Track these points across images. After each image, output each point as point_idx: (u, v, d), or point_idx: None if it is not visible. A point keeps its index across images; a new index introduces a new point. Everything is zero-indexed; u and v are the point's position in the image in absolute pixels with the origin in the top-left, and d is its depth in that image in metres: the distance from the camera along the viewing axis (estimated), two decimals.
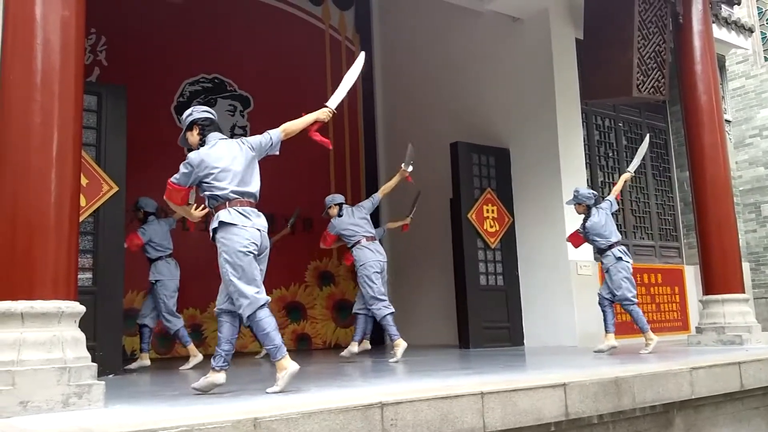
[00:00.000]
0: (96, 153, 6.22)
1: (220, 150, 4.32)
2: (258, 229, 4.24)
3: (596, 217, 7.03)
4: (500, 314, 9.00)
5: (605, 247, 7.00)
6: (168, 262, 7.25)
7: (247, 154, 4.38)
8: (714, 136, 7.56)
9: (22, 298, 3.42)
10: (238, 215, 4.18)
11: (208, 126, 4.46)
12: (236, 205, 4.21)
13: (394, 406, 3.35)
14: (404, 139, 11.67)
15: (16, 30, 3.72)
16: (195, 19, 10.52)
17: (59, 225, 3.60)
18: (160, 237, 7.24)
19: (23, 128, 3.60)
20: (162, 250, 7.24)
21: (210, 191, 4.26)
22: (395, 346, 6.71)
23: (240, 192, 4.25)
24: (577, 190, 7.24)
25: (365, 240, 7.22)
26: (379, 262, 7.17)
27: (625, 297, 6.90)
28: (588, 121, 9.67)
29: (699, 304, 7.76)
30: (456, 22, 10.47)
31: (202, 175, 4.25)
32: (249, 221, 4.20)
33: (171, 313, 7.13)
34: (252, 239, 4.18)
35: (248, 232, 4.17)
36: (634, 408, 4.48)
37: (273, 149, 4.57)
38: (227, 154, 4.31)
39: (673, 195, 10.75)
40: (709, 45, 7.80)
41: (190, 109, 4.56)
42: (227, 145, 4.38)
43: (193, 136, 4.47)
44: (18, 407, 3.21)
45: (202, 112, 4.51)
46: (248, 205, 4.27)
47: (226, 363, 4.21)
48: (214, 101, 10.79)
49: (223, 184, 4.22)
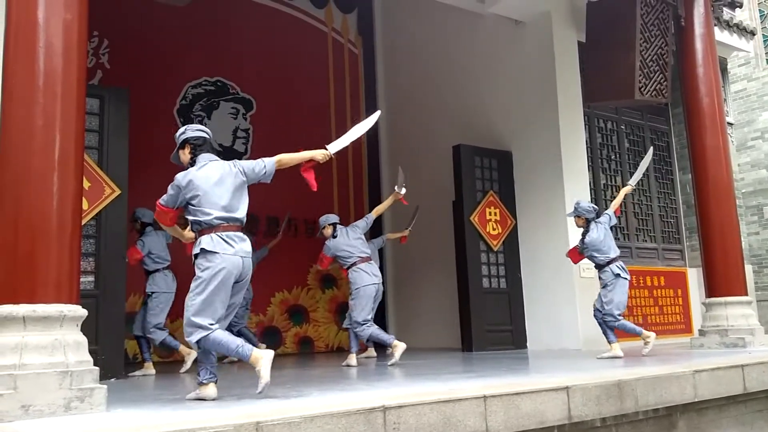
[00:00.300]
0: (98, 156, 6.23)
1: (209, 172, 4.22)
2: (241, 257, 4.14)
3: (595, 233, 6.93)
4: (503, 317, 8.98)
5: (604, 262, 6.91)
6: (165, 274, 7.15)
7: (237, 178, 4.28)
8: (716, 139, 7.55)
9: (24, 302, 3.42)
10: (221, 242, 4.08)
11: (200, 146, 4.37)
12: (221, 230, 4.12)
13: (396, 410, 3.35)
14: (407, 141, 11.75)
15: (19, 33, 3.73)
16: (197, 22, 10.53)
17: (61, 228, 3.60)
18: (159, 248, 7.14)
19: (25, 131, 3.60)
20: (160, 261, 7.14)
21: (194, 216, 4.17)
22: (393, 348, 6.70)
23: (225, 218, 4.15)
24: (578, 203, 7.17)
25: (361, 261, 7.23)
26: (374, 286, 7.17)
27: (612, 314, 6.80)
28: (590, 123, 9.66)
29: (702, 306, 7.74)
30: (458, 25, 10.47)
31: (189, 197, 4.16)
32: (232, 249, 4.10)
33: (157, 327, 7.02)
34: (233, 267, 4.10)
35: (229, 260, 4.08)
36: (637, 411, 4.47)
37: (266, 178, 4.45)
38: (216, 176, 4.20)
39: (675, 197, 10.74)
40: (711, 48, 7.80)
41: (184, 126, 4.47)
42: (218, 167, 4.27)
43: (184, 154, 4.39)
44: (20, 411, 3.21)
45: (196, 131, 4.42)
46: (233, 230, 4.17)
47: (213, 375, 4.08)
48: (216, 104, 10.80)
49: (208, 209, 4.12)
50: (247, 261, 4.21)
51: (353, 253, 7.24)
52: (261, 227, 10.60)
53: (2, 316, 3.39)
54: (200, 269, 4.07)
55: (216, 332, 4.01)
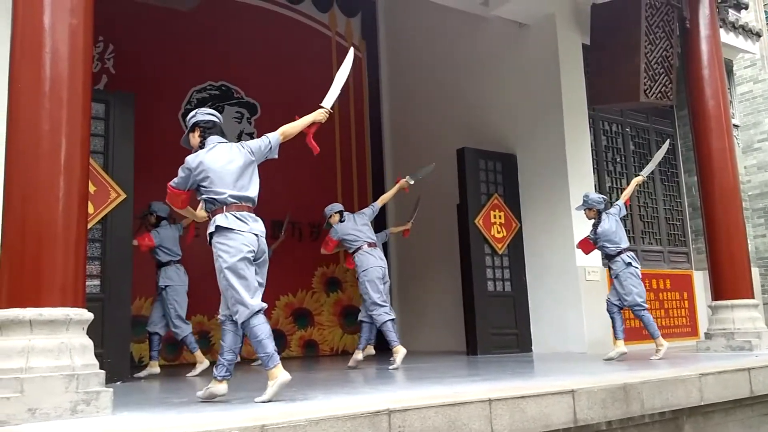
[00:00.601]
0: (104, 160, 6.26)
1: (218, 153, 4.28)
2: (255, 234, 4.18)
3: (606, 223, 7.00)
4: (508, 320, 8.97)
5: (615, 252, 6.97)
6: (178, 268, 7.27)
7: (246, 159, 4.34)
8: (722, 141, 7.53)
9: (30, 306, 3.44)
10: (235, 220, 4.13)
11: (210, 128, 4.43)
12: (233, 209, 4.16)
13: (401, 413, 3.34)
14: (411, 144, 11.75)
15: (25, 38, 3.75)
16: (202, 27, 10.56)
17: (67, 232, 3.61)
18: (171, 242, 7.27)
19: (32, 136, 3.62)
20: (172, 255, 7.26)
21: (207, 195, 4.22)
22: (394, 353, 6.69)
23: (238, 196, 4.20)
24: (587, 195, 7.21)
25: (367, 246, 7.19)
26: (381, 268, 7.13)
27: (636, 302, 6.86)
28: (595, 126, 9.65)
29: (708, 309, 7.72)
30: (462, 28, 10.48)
31: (200, 179, 4.22)
32: (246, 226, 4.15)
33: (181, 319, 7.14)
34: (249, 244, 4.12)
35: (245, 237, 4.11)
36: (643, 414, 4.46)
37: (272, 153, 4.53)
38: (225, 157, 4.27)
39: (681, 200, 10.71)
40: (717, 49, 7.78)
41: (195, 110, 4.55)
42: (226, 148, 4.33)
43: (194, 137, 4.45)
44: (26, 414, 3.22)
45: (206, 114, 4.49)
46: (246, 210, 4.21)
47: (228, 373, 4.14)
48: (221, 108, 10.82)
49: (221, 188, 4.18)
50: (262, 239, 4.24)
51: (360, 238, 7.21)
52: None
53: (9, 320, 3.40)
54: (219, 250, 4.10)
55: (260, 321, 4.03)
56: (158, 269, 7.26)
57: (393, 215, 11.58)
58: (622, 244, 6.98)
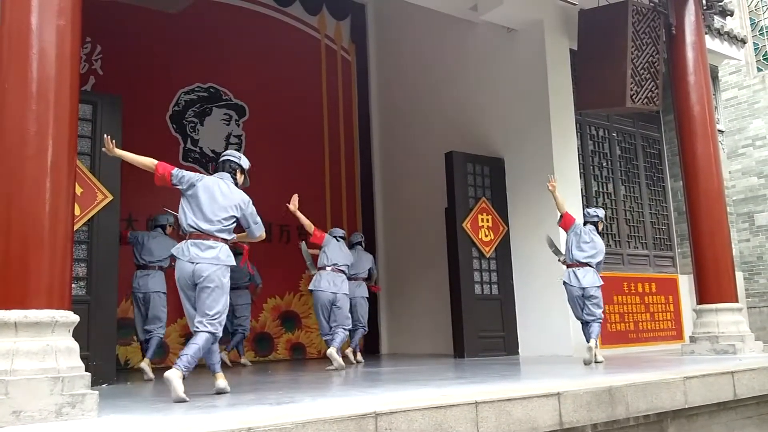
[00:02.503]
0: (90, 162, 6.22)
1: (209, 183, 4.79)
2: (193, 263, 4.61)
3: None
4: (495, 323, 8.99)
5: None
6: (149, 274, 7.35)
7: (232, 202, 4.83)
8: (707, 146, 7.60)
9: (15, 308, 3.42)
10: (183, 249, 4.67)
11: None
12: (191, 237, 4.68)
13: (388, 416, 3.35)
14: (399, 148, 11.78)
15: (12, 39, 3.73)
16: (190, 28, 10.54)
17: (53, 234, 3.60)
18: (162, 250, 7.31)
19: (18, 137, 3.61)
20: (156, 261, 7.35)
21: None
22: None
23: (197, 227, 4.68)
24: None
25: (328, 269, 7.79)
26: (325, 294, 7.70)
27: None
28: (582, 131, 9.71)
29: (693, 313, 7.78)
30: (451, 33, 10.52)
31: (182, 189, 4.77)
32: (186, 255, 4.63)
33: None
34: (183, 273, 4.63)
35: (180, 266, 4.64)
36: (628, 417, 4.49)
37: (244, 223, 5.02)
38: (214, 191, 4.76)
39: (666, 204, 10.79)
40: (702, 56, 7.85)
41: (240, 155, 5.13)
42: (219, 183, 4.84)
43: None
44: (11, 417, 3.20)
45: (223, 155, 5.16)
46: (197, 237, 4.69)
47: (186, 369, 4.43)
48: (209, 110, 10.81)
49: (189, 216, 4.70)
50: (198, 267, 4.59)
51: (330, 260, 7.76)
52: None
53: None
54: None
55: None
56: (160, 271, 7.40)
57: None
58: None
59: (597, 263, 7.18)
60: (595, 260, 7.15)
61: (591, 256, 7.14)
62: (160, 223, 7.58)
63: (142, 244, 7.33)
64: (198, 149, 10.61)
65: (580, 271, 7.10)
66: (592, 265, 7.13)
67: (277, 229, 11.01)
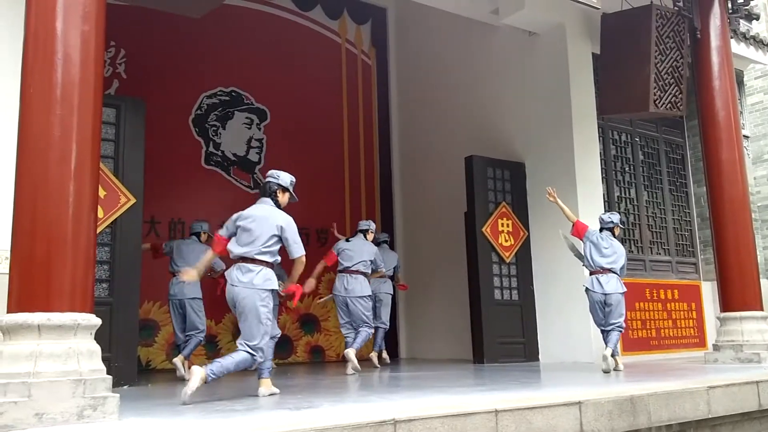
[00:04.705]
0: (114, 165, 6.28)
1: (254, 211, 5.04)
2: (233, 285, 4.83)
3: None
4: (515, 329, 8.93)
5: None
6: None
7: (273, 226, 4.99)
8: (732, 152, 7.50)
9: (38, 310, 3.46)
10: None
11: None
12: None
13: (407, 423, 3.34)
14: (419, 151, 11.76)
15: (37, 44, 3.78)
16: (212, 33, 10.61)
17: (77, 237, 3.63)
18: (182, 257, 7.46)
19: (43, 141, 3.65)
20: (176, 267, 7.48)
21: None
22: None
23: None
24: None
25: (347, 271, 7.88)
26: (340, 297, 7.83)
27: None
28: (604, 135, 9.62)
29: (716, 320, 7.68)
30: (472, 37, 10.49)
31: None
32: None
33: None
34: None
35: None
36: (650, 427, 4.44)
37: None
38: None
39: (690, 210, 10.66)
40: (728, 60, 7.75)
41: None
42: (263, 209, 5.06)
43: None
44: (33, 419, 3.23)
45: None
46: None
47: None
48: (231, 114, 10.87)
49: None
50: (237, 290, 4.81)
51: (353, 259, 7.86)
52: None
53: (17, 324, 3.42)
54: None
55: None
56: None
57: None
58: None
59: (620, 268, 7.11)
60: (617, 265, 7.08)
61: (613, 261, 7.07)
62: (195, 231, 7.70)
63: (179, 251, 7.48)
64: (220, 153, 10.66)
65: (603, 277, 7.03)
66: (616, 271, 7.06)
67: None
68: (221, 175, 10.60)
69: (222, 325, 10.06)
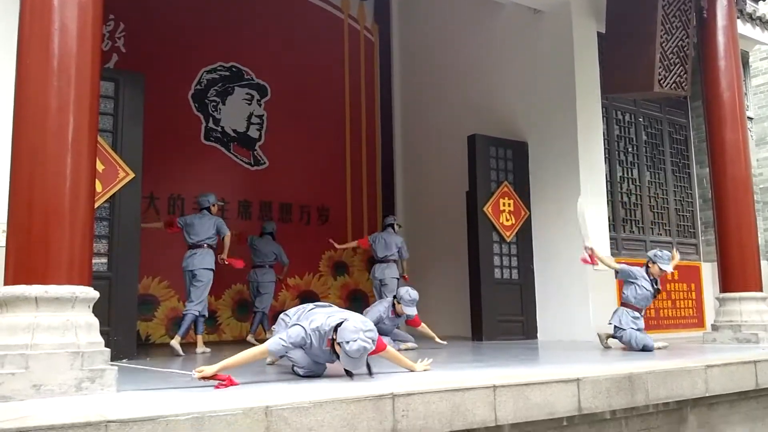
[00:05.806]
0: (113, 139, 6.25)
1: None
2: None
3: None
4: (514, 307, 8.96)
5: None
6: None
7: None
8: (736, 133, 7.45)
9: (36, 283, 3.44)
10: None
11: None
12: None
13: (405, 398, 3.35)
14: (421, 129, 11.70)
15: (34, 15, 3.72)
16: (213, 7, 10.52)
17: (74, 210, 3.60)
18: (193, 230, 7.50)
19: (39, 113, 3.61)
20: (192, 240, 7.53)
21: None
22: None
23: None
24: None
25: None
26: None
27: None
28: (608, 115, 9.56)
29: (715, 301, 7.68)
30: (476, 14, 10.39)
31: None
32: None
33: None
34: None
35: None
36: (648, 404, 4.46)
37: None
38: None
39: (692, 191, 10.63)
40: (733, 41, 7.67)
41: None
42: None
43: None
44: (31, 390, 3.24)
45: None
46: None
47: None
48: (231, 89, 10.80)
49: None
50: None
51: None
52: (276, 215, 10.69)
53: (15, 296, 3.41)
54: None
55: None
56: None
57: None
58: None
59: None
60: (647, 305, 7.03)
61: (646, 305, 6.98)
62: (204, 205, 7.70)
63: (191, 225, 7.49)
64: (219, 129, 10.61)
65: (632, 313, 6.86)
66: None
67: (297, 210, 11.03)
68: (221, 151, 10.56)
69: (222, 300, 10.09)
